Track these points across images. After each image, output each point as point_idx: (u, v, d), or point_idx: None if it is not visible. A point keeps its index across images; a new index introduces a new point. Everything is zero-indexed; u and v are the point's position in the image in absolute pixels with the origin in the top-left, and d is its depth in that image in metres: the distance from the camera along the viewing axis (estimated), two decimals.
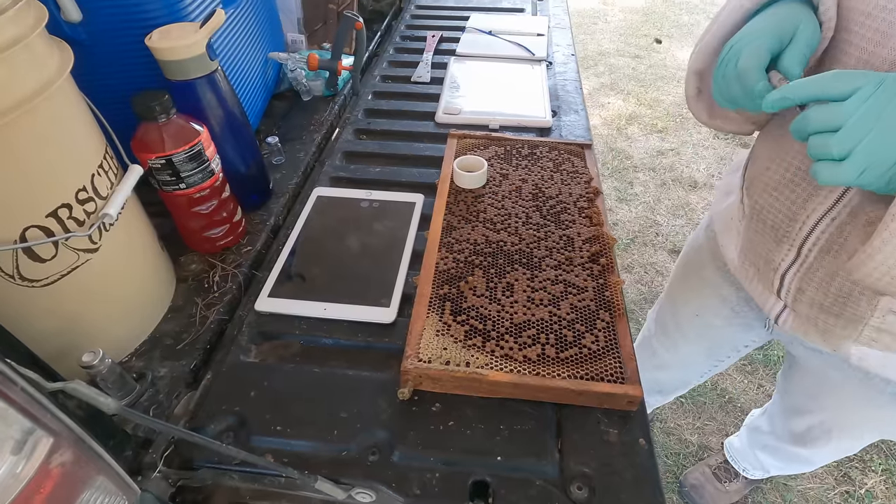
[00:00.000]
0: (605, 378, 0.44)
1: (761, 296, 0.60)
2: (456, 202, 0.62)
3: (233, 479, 0.43)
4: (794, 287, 0.53)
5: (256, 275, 0.60)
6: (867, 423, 0.69)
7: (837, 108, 0.36)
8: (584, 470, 0.42)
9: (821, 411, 0.74)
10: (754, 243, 0.57)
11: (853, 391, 0.63)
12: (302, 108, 0.87)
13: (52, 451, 0.28)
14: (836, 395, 0.67)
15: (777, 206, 0.51)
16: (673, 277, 0.88)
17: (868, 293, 0.47)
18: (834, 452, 0.82)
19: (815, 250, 0.49)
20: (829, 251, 0.48)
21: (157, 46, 0.52)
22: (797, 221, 0.49)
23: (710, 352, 0.86)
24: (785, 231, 0.51)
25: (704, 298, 0.76)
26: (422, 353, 0.46)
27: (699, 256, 0.76)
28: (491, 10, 1.24)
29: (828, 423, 0.75)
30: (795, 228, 0.50)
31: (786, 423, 0.85)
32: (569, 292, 0.51)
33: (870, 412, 0.65)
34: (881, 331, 0.49)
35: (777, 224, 0.52)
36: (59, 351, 0.44)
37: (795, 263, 0.52)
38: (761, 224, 0.54)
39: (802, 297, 0.53)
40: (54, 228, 0.40)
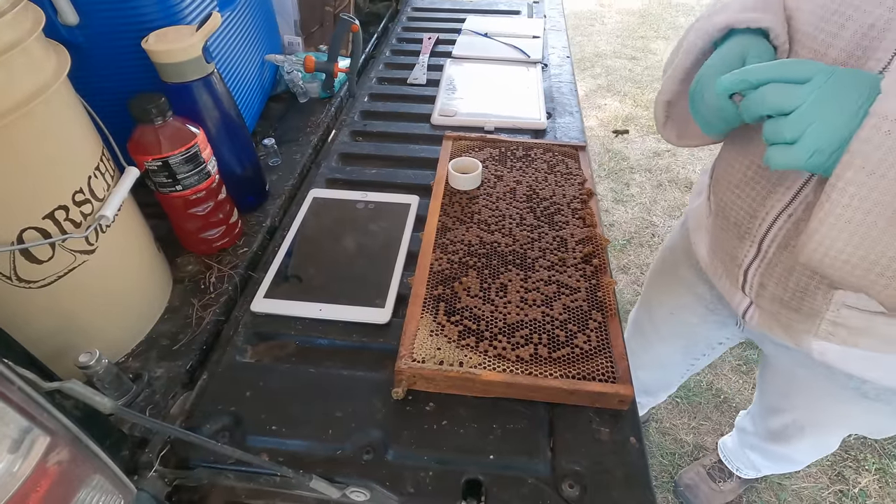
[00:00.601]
0: (597, 377, 0.45)
1: (729, 292, 0.61)
2: (451, 203, 0.62)
3: (228, 479, 0.43)
4: (757, 282, 0.55)
5: (252, 276, 0.60)
6: (836, 419, 0.70)
7: (794, 89, 0.37)
8: (576, 468, 0.43)
9: (793, 409, 0.76)
10: (720, 240, 0.59)
11: (820, 388, 0.64)
12: (298, 110, 0.88)
13: (48, 450, 0.28)
14: (806, 392, 0.69)
15: (739, 203, 0.52)
16: (649, 277, 0.89)
17: (823, 287, 0.48)
18: (813, 450, 0.83)
19: (774, 246, 0.50)
20: (786, 247, 0.49)
21: (154, 49, 0.53)
22: (757, 218, 0.51)
23: (687, 350, 0.88)
24: (747, 227, 0.52)
25: (679, 297, 0.78)
26: (416, 353, 0.46)
27: (674, 255, 0.78)
28: (487, 12, 1.25)
29: (800, 421, 0.76)
30: (756, 225, 0.51)
31: (764, 422, 0.87)
32: (562, 293, 0.52)
33: (837, 408, 0.66)
34: (837, 324, 0.50)
35: (739, 221, 0.53)
36: (56, 351, 0.45)
37: (757, 259, 0.53)
38: (725, 221, 0.56)
39: (764, 293, 0.55)
40: (51, 230, 0.41)
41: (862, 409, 0.63)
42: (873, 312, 0.47)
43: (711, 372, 1.41)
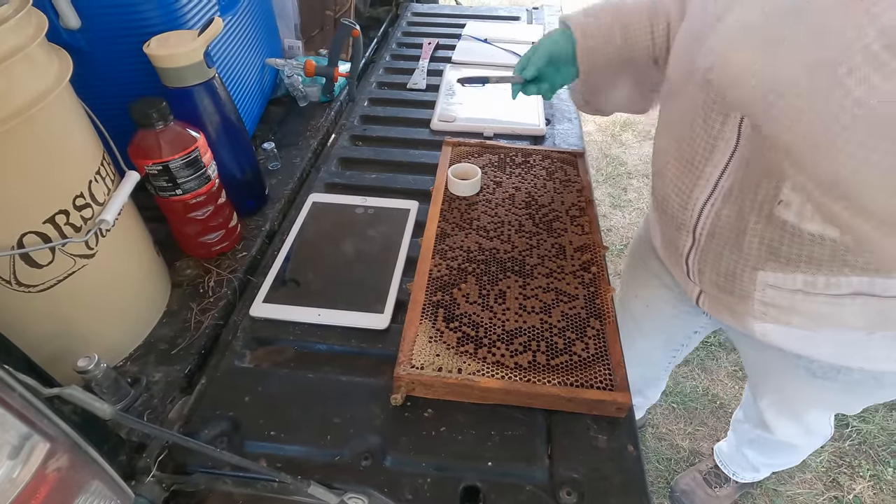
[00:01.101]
0: (595, 385, 0.45)
1: (682, 281, 0.64)
2: (450, 209, 0.63)
3: (226, 484, 0.43)
4: (696, 269, 0.58)
5: (251, 280, 0.60)
6: (801, 398, 0.72)
7: None
8: (574, 475, 0.43)
9: (767, 391, 0.78)
10: (665, 232, 0.63)
11: (779, 368, 0.67)
12: (298, 114, 0.88)
13: (48, 456, 0.28)
14: (773, 374, 0.71)
15: (673, 196, 0.56)
16: (624, 273, 0.91)
17: (748, 269, 0.51)
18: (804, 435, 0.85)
19: (704, 234, 0.54)
20: (713, 234, 0.53)
21: (155, 54, 0.53)
22: (688, 209, 0.54)
23: (666, 342, 0.90)
24: (681, 219, 0.56)
25: (652, 289, 0.80)
26: (414, 360, 0.47)
27: (642, 249, 0.80)
28: (486, 18, 1.25)
29: (776, 403, 0.79)
30: (687, 215, 0.55)
31: (752, 409, 0.89)
32: (560, 300, 0.52)
33: (797, 387, 0.68)
34: (766, 304, 0.53)
35: (674, 213, 0.56)
36: (55, 355, 0.45)
37: (693, 248, 0.57)
38: (664, 214, 0.59)
39: (704, 279, 0.58)
40: (51, 234, 0.41)
41: (817, 388, 0.65)
42: (792, 290, 0.50)
43: (707, 377, 1.42)
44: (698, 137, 0.50)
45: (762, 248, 0.49)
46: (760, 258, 0.50)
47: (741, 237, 0.50)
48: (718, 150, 0.49)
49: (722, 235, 0.52)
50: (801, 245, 0.46)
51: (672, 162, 0.55)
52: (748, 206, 0.48)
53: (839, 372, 0.60)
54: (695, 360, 1.46)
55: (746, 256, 0.51)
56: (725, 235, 0.51)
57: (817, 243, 0.45)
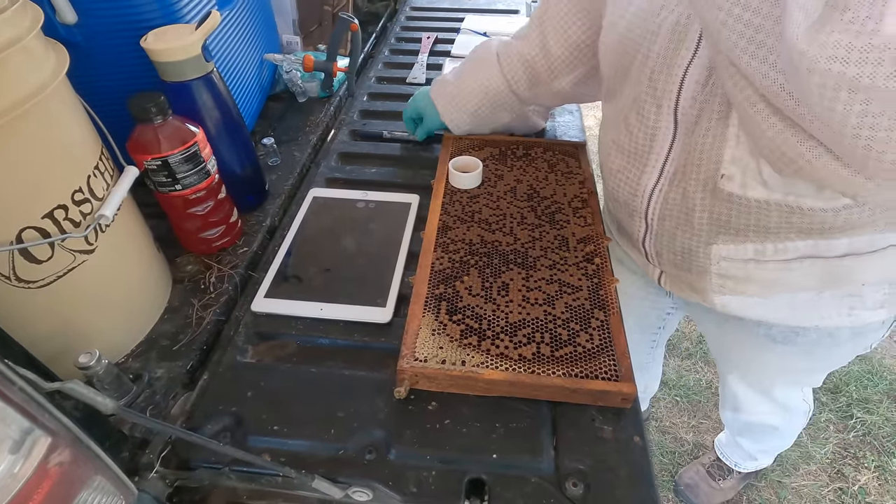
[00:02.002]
0: (600, 376, 0.45)
1: (642, 264, 0.68)
2: (451, 203, 0.62)
3: (230, 479, 0.43)
4: (654, 252, 0.61)
5: (253, 275, 0.60)
6: (769, 369, 0.75)
7: None
8: (579, 467, 0.42)
9: (732, 368, 0.82)
10: (619, 220, 0.65)
11: (740, 340, 0.70)
12: (297, 110, 0.88)
13: (49, 451, 0.28)
14: (735, 347, 0.74)
15: (622, 185, 0.58)
16: None
17: (702, 245, 0.54)
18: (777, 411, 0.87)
19: (656, 218, 0.57)
20: (665, 218, 0.56)
21: (153, 48, 0.52)
22: (637, 196, 0.57)
23: (642, 326, 0.92)
24: (633, 206, 0.58)
25: (620, 274, 0.81)
26: (418, 353, 0.46)
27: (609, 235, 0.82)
28: (485, 11, 1.24)
29: (744, 378, 0.82)
30: (638, 202, 0.57)
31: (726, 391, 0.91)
32: (563, 291, 0.52)
33: (759, 357, 0.71)
34: (723, 276, 0.55)
35: (626, 201, 0.59)
36: (56, 352, 0.44)
37: (648, 233, 0.59)
38: (616, 203, 0.62)
39: (662, 260, 0.61)
40: (50, 229, 0.40)
41: (778, 355, 0.68)
42: (744, 260, 0.53)
43: (710, 370, 1.42)
44: (636, 130, 0.54)
45: (712, 222, 0.51)
46: (712, 233, 0.52)
47: (691, 215, 0.52)
48: (658, 139, 0.52)
49: (673, 217, 0.55)
50: (749, 214, 0.49)
51: (616, 155, 0.58)
52: (693, 185, 0.50)
53: (797, 335, 0.63)
54: (697, 354, 1.46)
55: (698, 233, 0.53)
56: (676, 216, 0.54)
57: (763, 210, 0.47)
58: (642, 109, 0.52)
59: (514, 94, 0.69)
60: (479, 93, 0.69)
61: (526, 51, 0.67)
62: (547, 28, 0.64)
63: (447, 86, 0.70)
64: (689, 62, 0.46)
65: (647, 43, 0.49)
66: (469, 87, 0.69)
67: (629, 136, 0.55)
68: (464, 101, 0.69)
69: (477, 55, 0.71)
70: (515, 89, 0.68)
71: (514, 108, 0.71)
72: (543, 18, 0.65)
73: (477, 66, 0.69)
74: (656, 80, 0.49)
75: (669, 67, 0.48)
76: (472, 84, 0.69)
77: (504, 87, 0.68)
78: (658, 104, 0.50)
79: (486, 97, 0.69)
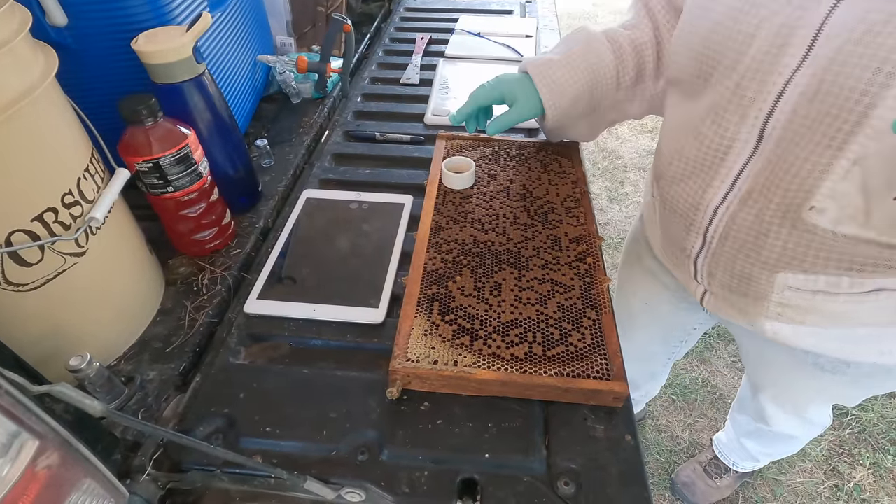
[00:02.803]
0: (592, 375, 0.45)
1: (686, 281, 0.63)
2: (444, 203, 0.62)
3: (222, 481, 0.43)
4: (706, 271, 0.57)
5: (246, 277, 0.60)
6: (806, 392, 0.72)
7: None
8: (572, 466, 0.43)
9: (769, 385, 0.78)
10: (670, 233, 0.61)
11: (784, 363, 0.67)
12: (291, 111, 0.88)
13: (37, 454, 0.28)
14: (775, 368, 0.71)
15: (683, 196, 0.55)
16: (620, 270, 0.90)
17: (766, 272, 0.50)
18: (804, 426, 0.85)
19: (717, 237, 0.53)
20: (727, 237, 0.52)
21: (144, 50, 0.52)
22: (699, 210, 0.53)
23: (665, 338, 0.90)
24: (691, 220, 0.55)
25: (650, 287, 0.79)
26: (410, 353, 0.46)
27: (638, 247, 0.80)
28: (480, 12, 1.25)
29: (777, 397, 0.79)
30: (699, 217, 0.53)
31: (750, 402, 0.89)
32: (556, 291, 0.52)
33: (803, 382, 0.68)
34: (783, 305, 0.52)
35: (684, 213, 0.55)
36: (47, 355, 0.44)
37: (703, 249, 0.55)
38: (672, 214, 0.58)
39: (714, 281, 0.57)
40: (40, 232, 0.40)
41: (824, 382, 0.65)
42: (814, 292, 0.49)
43: (707, 369, 1.42)
44: (709, 139, 0.49)
45: (784, 251, 0.47)
46: (782, 261, 0.48)
47: (761, 241, 0.48)
48: (734, 151, 0.47)
49: (738, 238, 0.50)
50: (831, 248, 0.45)
51: (679, 164, 0.54)
52: (772, 210, 0.46)
53: (849, 366, 0.59)
54: (694, 352, 1.46)
55: (765, 260, 0.49)
56: (742, 238, 0.50)
57: (850, 244, 0.43)
58: (721, 118, 0.47)
59: (617, 85, 0.61)
60: (586, 76, 0.59)
61: (637, 37, 0.60)
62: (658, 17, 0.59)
63: (552, 66, 0.59)
64: (795, 71, 0.41)
65: (738, 45, 0.45)
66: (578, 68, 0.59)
67: (698, 144, 0.50)
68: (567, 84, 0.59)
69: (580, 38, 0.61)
70: (622, 80, 0.61)
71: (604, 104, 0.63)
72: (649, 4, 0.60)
73: (586, 47, 0.60)
74: (745, 88, 0.45)
75: (766, 74, 0.43)
76: (581, 65, 0.59)
77: (612, 74, 0.60)
78: (742, 114, 0.46)
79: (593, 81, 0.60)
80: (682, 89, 0.54)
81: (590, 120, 0.65)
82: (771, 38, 0.42)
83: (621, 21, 0.63)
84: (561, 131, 0.67)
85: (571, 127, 0.65)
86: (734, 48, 0.45)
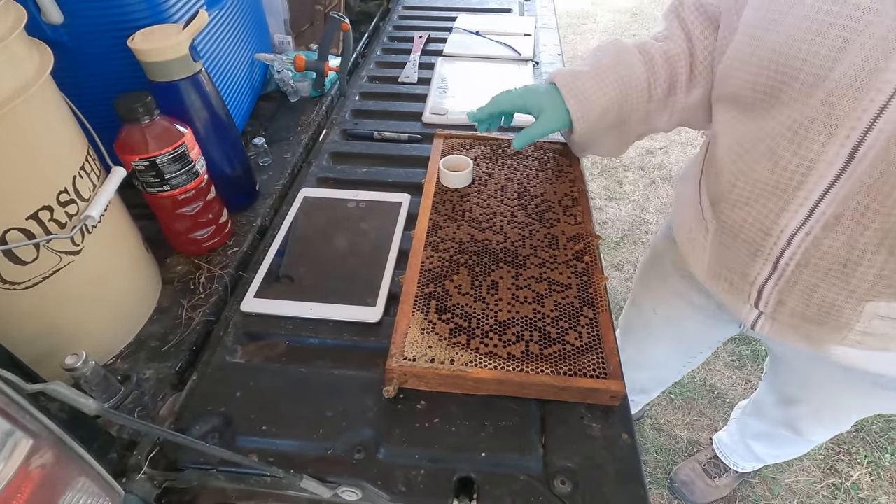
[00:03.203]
0: (589, 374, 0.45)
1: (735, 305, 0.60)
2: (442, 201, 0.62)
3: (219, 480, 0.43)
4: (774, 299, 0.53)
5: (243, 276, 0.60)
6: (853, 406, 0.71)
7: None
8: (568, 464, 0.43)
9: (811, 400, 0.75)
10: (725, 258, 0.57)
11: (836, 381, 0.64)
12: (289, 109, 0.87)
13: (31, 453, 0.28)
14: (822, 385, 0.69)
15: (750, 220, 0.51)
16: (638, 283, 0.88)
17: (852, 301, 0.47)
18: (826, 432, 0.84)
19: (793, 264, 0.49)
20: (807, 265, 0.48)
21: (140, 48, 0.52)
22: (771, 236, 0.49)
23: (684, 351, 0.88)
24: (759, 245, 0.51)
25: (674, 307, 0.77)
26: (407, 352, 0.46)
27: (663, 265, 0.77)
28: (478, 10, 1.24)
29: (819, 411, 0.76)
30: (770, 243, 0.50)
31: (778, 411, 0.86)
32: (553, 290, 0.52)
33: (853, 397, 0.66)
34: (866, 334, 0.49)
35: (750, 239, 0.52)
36: (43, 353, 0.44)
37: (773, 277, 0.52)
38: (732, 239, 0.54)
39: (783, 309, 0.53)
40: (35, 230, 0.40)
41: (879, 398, 0.63)
42: None
43: (705, 368, 1.42)
44: (786, 160, 0.45)
45: (879, 279, 0.44)
46: (874, 290, 0.45)
47: (851, 269, 0.45)
48: (815, 174, 0.44)
49: (821, 267, 0.47)
50: None
51: (747, 185, 0.50)
52: (868, 235, 0.43)
53: None
54: None
55: (854, 287, 0.46)
56: (826, 266, 0.47)
57: None
58: (802, 138, 0.44)
59: (648, 97, 0.59)
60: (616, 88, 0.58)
61: (670, 48, 0.58)
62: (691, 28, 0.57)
63: (581, 78, 0.58)
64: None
65: (822, 60, 0.41)
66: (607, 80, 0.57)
67: (772, 166, 0.47)
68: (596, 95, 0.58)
69: (611, 50, 0.59)
70: (654, 92, 0.59)
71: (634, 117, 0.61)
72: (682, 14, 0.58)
73: (617, 59, 0.58)
74: (835, 105, 0.41)
75: (860, 92, 0.39)
76: (611, 76, 0.57)
77: (643, 86, 0.58)
78: (830, 133, 0.42)
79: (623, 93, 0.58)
80: (742, 106, 0.50)
81: (618, 133, 0.63)
82: (867, 51, 0.39)
83: (653, 33, 0.61)
84: (588, 145, 0.65)
85: (599, 141, 0.63)
86: (817, 63, 0.41)
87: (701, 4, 0.57)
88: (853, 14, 0.39)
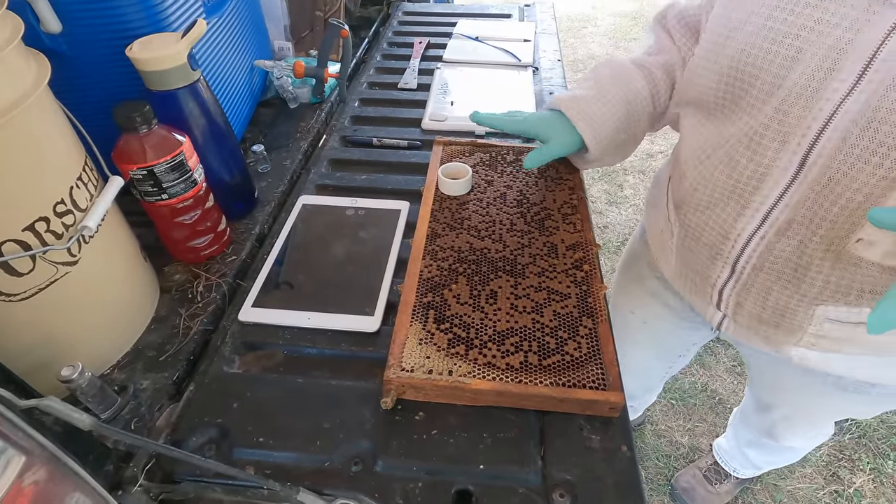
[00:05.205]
0: (588, 385, 0.45)
1: (701, 307, 0.61)
2: (441, 209, 0.62)
3: (215, 492, 0.43)
4: (733, 301, 0.55)
5: (241, 284, 0.59)
6: (821, 410, 0.71)
7: None
8: (567, 477, 0.42)
9: (782, 405, 0.77)
10: (688, 260, 0.58)
11: (801, 383, 0.65)
12: (288, 116, 0.87)
13: (24, 470, 0.28)
14: (789, 388, 0.70)
15: (710, 224, 0.52)
16: (616, 286, 0.88)
17: (804, 304, 0.48)
18: (808, 439, 0.85)
19: (749, 268, 0.50)
20: (761, 268, 0.49)
21: (138, 57, 0.52)
22: (729, 240, 0.50)
23: (663, 354, 0.89)
24: (718, 249, 0.52)
25: (650, 307, 0.78)
26: (405, 362, 0.46)
27: (639, 267, 0.78)
28: (478, 16, 1.24)
29: (791, 417, 0.78)
30: (728, 246, 0.51)
31: (756, 418, 0.87)
32: (552, 299, 0.52)
33: (820, 401, 0.67)
34: (819, 336, 0.50)
35: (710, 242, 0.53)
36: (38, 365, 0.44)
37: (731, 279, 0.53)
38: (694, 242, 0.55)
39: (741, 311, 0.55)
40: (31, 242, 0.40)
41: (844, 401, 0.64)
42: (855, 324, 0.47)
43: (706, 373, 1.41)
44: (742, 166, 0.47)
45: (827, 284, 0.45)
46: (823, 294, 0.46)
47: (802, 273, 0.46)
48: (770, 179, 0.45)
49: (774, 270, 0.48)
50: (877, 280, 0.43)
51: (706, 190, 0.51)
52: (815, 242, 0.44)
53: (874, 387, 0.58)
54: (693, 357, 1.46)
55: (805, 292, 0.47)
56: (779, 270, 0.48)
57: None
58: (757, 144, 0.45)
59: (653, 109, 0.61)
60: (622, 108, 0.59)
61: (666, 59, 0.60)
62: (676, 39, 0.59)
63: (584, 102, 0.59)
64: (846, 96, 0.39)
65: (777, 68, 0.42)
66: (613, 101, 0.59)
67: (729, 171, 0.48)
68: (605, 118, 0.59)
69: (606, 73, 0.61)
70: (657, 104, 0.60)
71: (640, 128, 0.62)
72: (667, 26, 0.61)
73: (616, 78, 0.60)
74: (788, 113, 0.42)
75: (811, 100, 0.40)
76: (616, 97, 0.59)
77: (647, 101, 0.60)
78: (783, 140, 0.43)
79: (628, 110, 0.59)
80: (706, 111, 0.51)
81: (624, 146, 0.64)
82: (817, 60, 0.40)
83: (643, 48, 0.63)
84: (598, 163, 0.65)
85: (608, 157, 0.64)
86: (772, 71, 0.43)
87: (683, 16, 0.59)
88: (806, 24, 0.40)
